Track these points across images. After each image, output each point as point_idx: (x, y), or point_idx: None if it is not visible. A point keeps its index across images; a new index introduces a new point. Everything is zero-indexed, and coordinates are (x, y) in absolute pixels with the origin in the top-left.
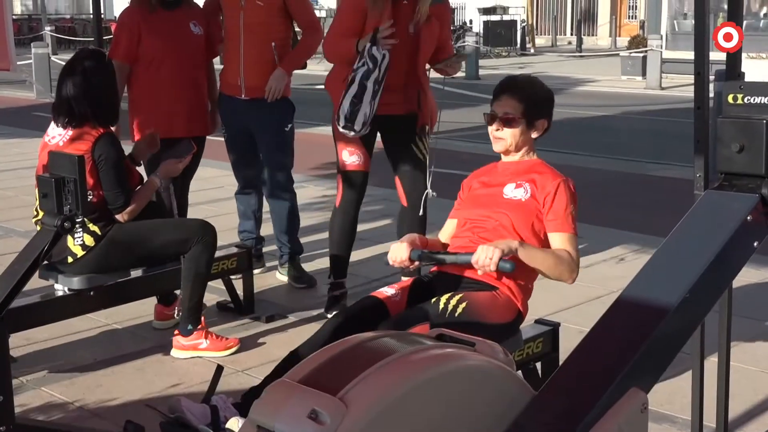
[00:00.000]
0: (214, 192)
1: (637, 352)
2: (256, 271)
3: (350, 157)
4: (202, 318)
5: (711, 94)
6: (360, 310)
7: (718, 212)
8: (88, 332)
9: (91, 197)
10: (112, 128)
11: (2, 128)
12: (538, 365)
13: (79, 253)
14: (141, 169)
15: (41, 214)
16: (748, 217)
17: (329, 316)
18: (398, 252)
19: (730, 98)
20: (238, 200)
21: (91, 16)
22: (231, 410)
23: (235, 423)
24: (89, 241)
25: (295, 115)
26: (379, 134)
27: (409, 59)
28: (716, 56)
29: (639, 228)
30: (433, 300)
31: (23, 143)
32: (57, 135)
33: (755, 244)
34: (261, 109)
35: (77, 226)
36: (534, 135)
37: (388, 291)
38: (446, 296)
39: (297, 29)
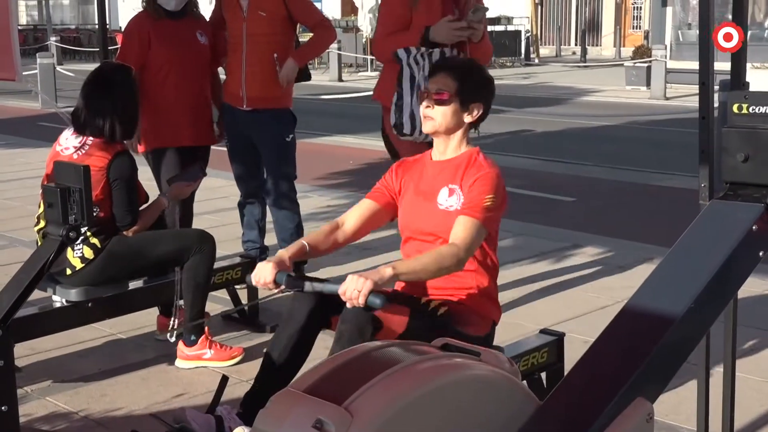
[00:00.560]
0: (219, 202)
1: (643, 362)
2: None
3: None
4: (206, 328)
5: (715, 104)
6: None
7: (724, 222)
8: (92, 342)
9: (98, 211)
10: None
11: (7, 138)
12: (543, 375)
13: (78, 265)
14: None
15: (42, 222)
16: (754, 227)
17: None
18: (262, 272)
19: (735, 108)
20: (241, 210)
21: (96, 26)
22: (235, 420)
23: None
24: (89, 253)
25: (299, 125)
26: None
27: (462, 44)
28: (721, 66)
29: (643, 238)
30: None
31: (28, 153)
32: (71, 147)
33: (761, 254)
34: (262, 119)
35: (79, 238)
36: (467, 119)
37: None
38: (426, 298)
39: (301, 40)
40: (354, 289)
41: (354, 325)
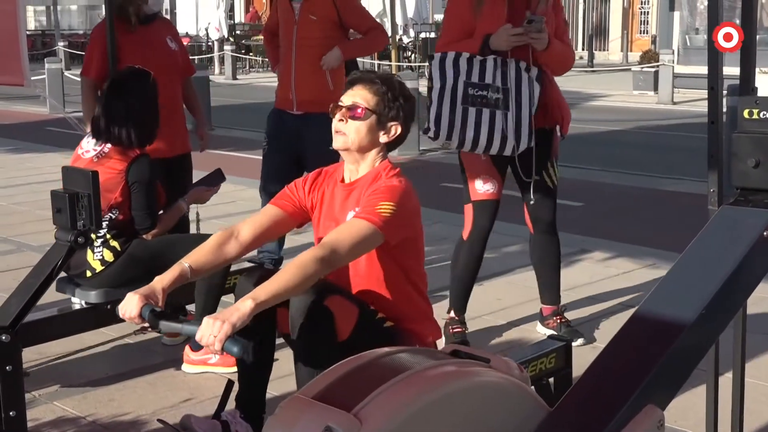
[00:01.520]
0: (226, 207)
1: (653, 368)
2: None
3: (483, 186)
4: None
5: (724, 109)
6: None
7: (734, 228)
8: (100, 347)
9: (117, 214)
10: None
11: (16, 143)
12: (551, 381)
13: (98, 267)
14: None
15: None
16: (765, 233)
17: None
18: (128, 306)
19: (745, 113)
20: None
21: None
22: (242, 425)
23: None
24: (109, 256)
25: None
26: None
27: (524, 52)
28: (729, 71)
29: (652, 243)
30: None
31: (37, 158)
32: (92, 150)
33: None
34: (311, 124)
35: (98, 240)
36: (383, 138)
37: None
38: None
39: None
40: (210, 335)
41: (306, 319)
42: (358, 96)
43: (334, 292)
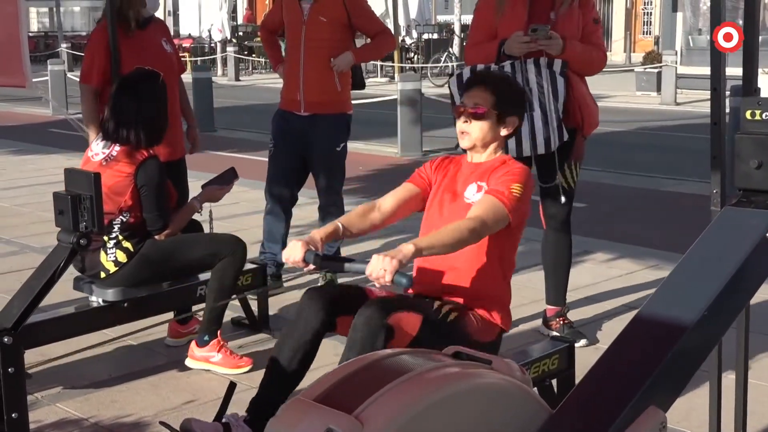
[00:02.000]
0: (230, 208)
1: (656, 370)
2: (275, 292)
3: None
4: (219, 332)
5: (727, 110)
6: (341, 292)
7: (737, 229)
8: (102, 348)
9: (128, 217)
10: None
11: (19, 145)
12: (554, 382)
13: (112, 269)
14: None
15: None
16: (767, 234)
17: None
18: (293, 251)
19: (748, 114)
20: (267, 221)
21: None
22: (243, 428)
23: None
24: (122, 257)
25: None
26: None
27: (541, 54)
28: (732, 72)
29: (654, 244)
30: (426, 299)
31: (39, 159)
32: (101, 152)
33: None
34: (318, 125)
35: (111, 242)
36: (503, 132)
37: (374, 289)
38: (439, 302)
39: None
40: (380, 269)
41: (366, 332)
42: (478, 98)
43: (401, 309)
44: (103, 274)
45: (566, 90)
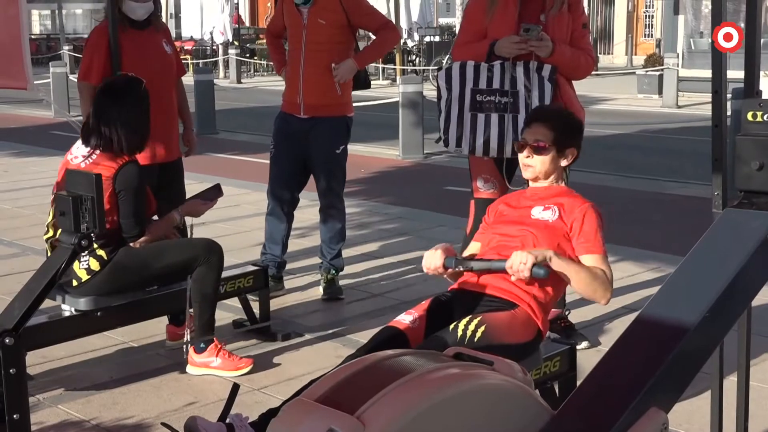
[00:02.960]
0: (230, 210)
1: (657, 371)
2: (276, 293)
3: (485, 185)
4: (214, 336)
5: (728, 112)
6: (380, 345)
7: (738, 231)
8: (104, 350)
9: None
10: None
11: (20, 147)
12: (555, 384)
13: (84, 277)
14: None
15: (51, 231)
16: None
17: None
18: (432, 259)
19: (749, 116)
20: (269, 222)
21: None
22: (247, 429)
23: None
24: (95, 265)
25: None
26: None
27: (530, 57)
28: (734, 74)
29: (656, 246)
30: (452, 327)
31: (40, 162)
32: (80, 156)
33: None
34: (318, 127)
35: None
36: (563, 163)
37: (406, 319)
38: (465, 321)
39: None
40: (520, 262)
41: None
42: (538, 134)
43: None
44: (75, 282)
45: (553, 96)
